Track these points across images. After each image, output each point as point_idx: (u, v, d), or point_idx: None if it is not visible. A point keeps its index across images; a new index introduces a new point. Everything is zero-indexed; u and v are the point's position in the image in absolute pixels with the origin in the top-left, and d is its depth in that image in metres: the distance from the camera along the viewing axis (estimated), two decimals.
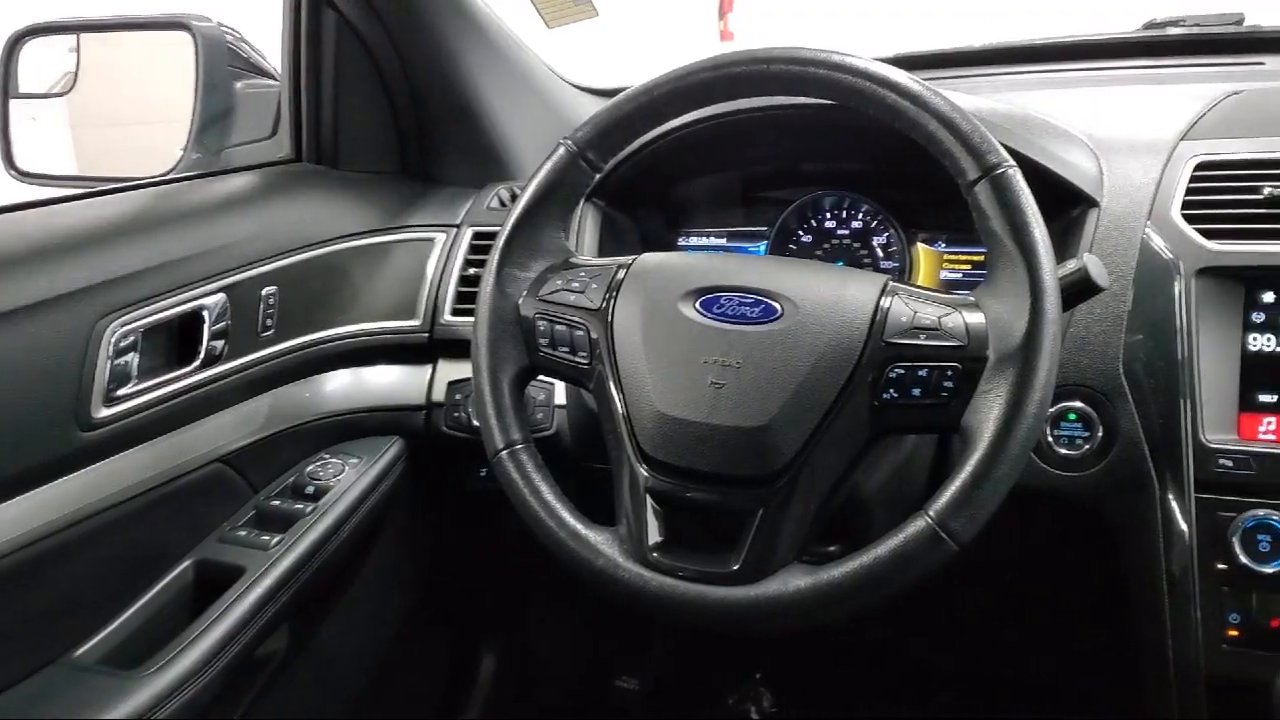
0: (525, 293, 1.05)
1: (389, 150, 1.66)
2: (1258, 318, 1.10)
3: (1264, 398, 1.08)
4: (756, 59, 0.99)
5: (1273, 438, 1.08)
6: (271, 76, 1.67)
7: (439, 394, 1.43)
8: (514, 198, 1.29)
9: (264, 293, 1.33)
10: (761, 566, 0.90)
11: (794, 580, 0.89)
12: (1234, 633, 1.06)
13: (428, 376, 1.45)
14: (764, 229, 1.48)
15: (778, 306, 0.95)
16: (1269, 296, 1.09)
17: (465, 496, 1.54)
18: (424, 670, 1.74)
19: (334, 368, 1.45)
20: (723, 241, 1.51)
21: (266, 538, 1.28)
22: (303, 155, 1.59)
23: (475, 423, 1.23)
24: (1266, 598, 1.05)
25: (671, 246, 1.53)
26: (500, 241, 1.06)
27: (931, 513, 0.84)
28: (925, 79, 0.94)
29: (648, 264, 1.04)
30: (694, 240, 1.52)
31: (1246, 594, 1.05)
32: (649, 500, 0.95)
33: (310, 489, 1.36)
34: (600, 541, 0.96)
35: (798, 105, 1.10)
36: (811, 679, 1.88)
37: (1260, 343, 1.09)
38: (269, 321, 1.34)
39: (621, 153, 1.12)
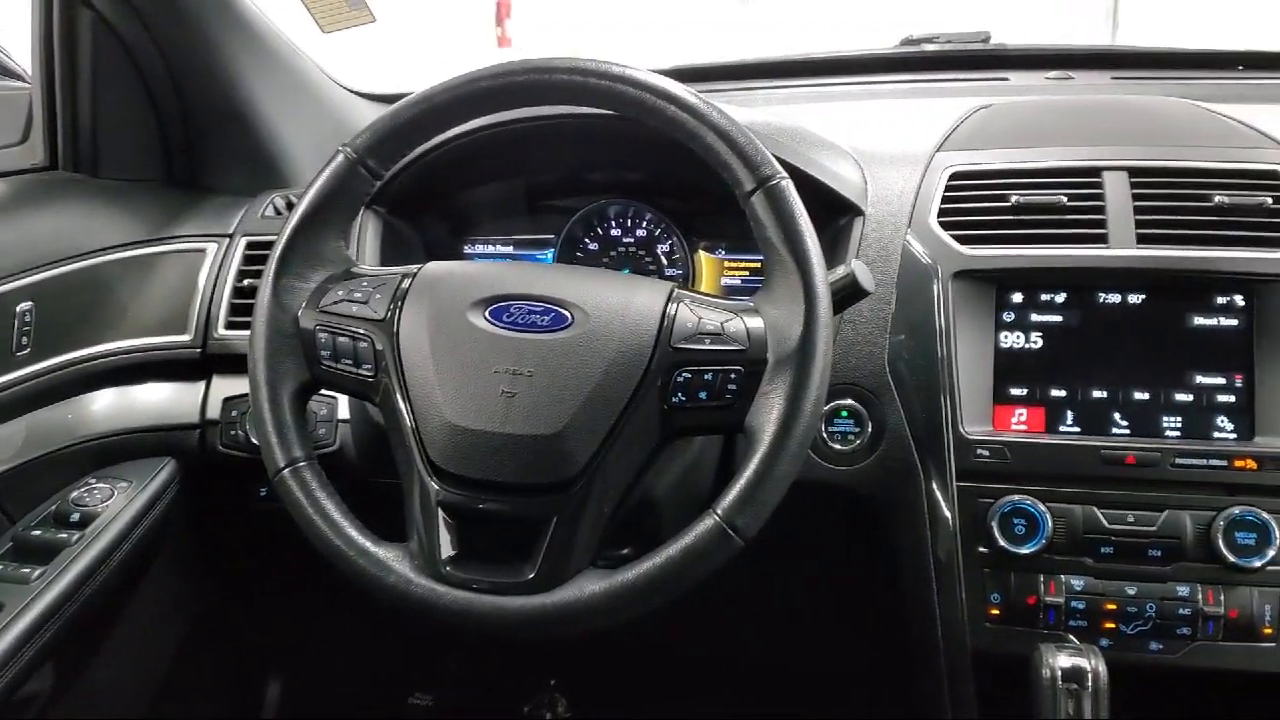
0: (304, 304, 1.02)
1: (153, 157, 1.57)
2: (1008, 317, 1.18)
3: (1015, 391, 1.17)
4: (538, 68, 0.99)
5: (1024, 428, 1.16)
6: (20, 78, 1.56)
7: (214, 412, 1.37)
8: (290, 206, 1.25)
9: (18, 309, 1.24)
10: (557, 574, 0.91)
11: (589, 585, 0.90)
12: (995, 611, 1.14)
13: (201, 394, 1.39)
14: (551, 237, 1.49)
15: (568, 314, 0.96)
16: (1017, 297, 1.18)
17: (246, 517, 1.48)
18: (206, 699, 1.66)
19: (99, 387, 1.37)
20: (509, 250, 1.51)
21: (27, 570, 1.20)
22: (58, 162, 1.49)
23: (254, 441, 1.19)
24: (1023, 577, 1.13)
25: (457, 255, 1.52)
26: (277, 251, 1.03)
27: (719, 511, 0.88)
28: (700, 91, 0.97)
29: (434, 273, 1.03)
30: (480, 249, 1.52)
31: (1005, 574, 1.14)
32: (440, 513, 0.94)
33: (75, 516, 1.28)
34: (390, 558, 0.95)
35: (580, 114, 1.11)
36: (606, 681, 1.90)
37: (1010, 340, 1.18)
38: (24, 340, 1.25)
39: (402, 160, 1.10)
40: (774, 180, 0.93)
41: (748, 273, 1.42)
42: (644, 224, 1.46)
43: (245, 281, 1.40)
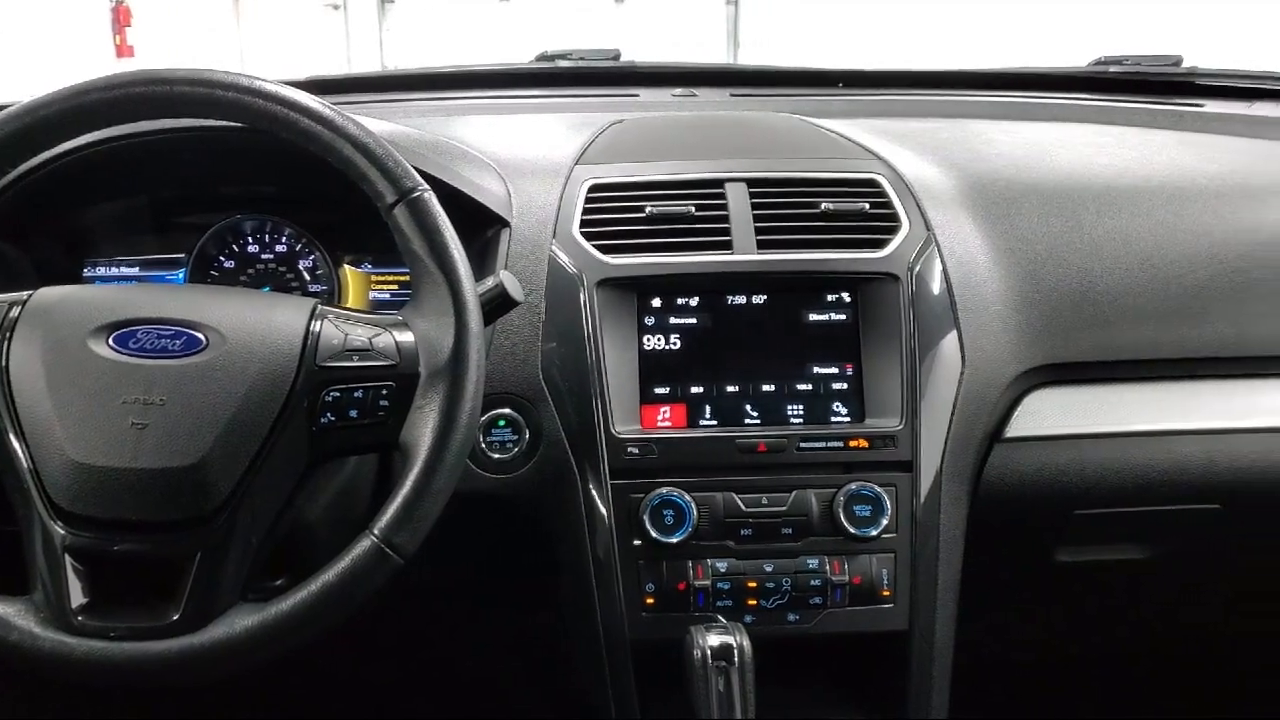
0: None
1: None
2: (649, 321, 1.24)
3: (659, 390, 1.24)
4: (158, 79, 0.94)
5: (668, 424, 1.23)
6: None
7: None
8: None
9: None
10: (204, 612, 0.87)
11: (240, 621, 0.87)
12: (651, 600, 1.20)
13: None
14: (181, 256, 1.40)
15: (202, 337, 0.92)
16: (656, 302, 1.24)
17: None
18: None
19: None
20: (135, 271, 1.41)
21: None
22: None
23: None
24: (674, 565, 1.19)
25: (75, 279, 1.39)
26: None
27: (376, 531, 0.87)
28: (336, 103, 0.96)
29: (46, 299, 0.96)
30: (101, 271, 1.41)
31: (658, 564, 1.19)
32: (68, 559, 0.87)
33: None
34: (10, 613, 0.87)
35: (209, 126, 1.06)
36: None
37: (652, 343, 1.24)
38: None
39: (4, 178, 1.01)
40: (416, 192, 0.93)
41: (397, 286, 1.41)
42: (283, 239, 1.41)
43: None
